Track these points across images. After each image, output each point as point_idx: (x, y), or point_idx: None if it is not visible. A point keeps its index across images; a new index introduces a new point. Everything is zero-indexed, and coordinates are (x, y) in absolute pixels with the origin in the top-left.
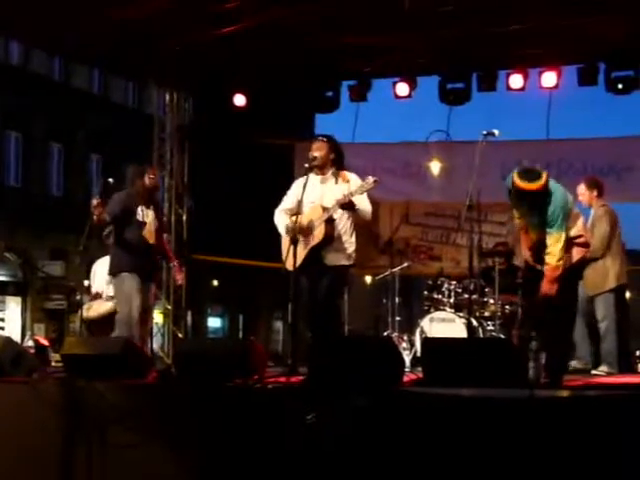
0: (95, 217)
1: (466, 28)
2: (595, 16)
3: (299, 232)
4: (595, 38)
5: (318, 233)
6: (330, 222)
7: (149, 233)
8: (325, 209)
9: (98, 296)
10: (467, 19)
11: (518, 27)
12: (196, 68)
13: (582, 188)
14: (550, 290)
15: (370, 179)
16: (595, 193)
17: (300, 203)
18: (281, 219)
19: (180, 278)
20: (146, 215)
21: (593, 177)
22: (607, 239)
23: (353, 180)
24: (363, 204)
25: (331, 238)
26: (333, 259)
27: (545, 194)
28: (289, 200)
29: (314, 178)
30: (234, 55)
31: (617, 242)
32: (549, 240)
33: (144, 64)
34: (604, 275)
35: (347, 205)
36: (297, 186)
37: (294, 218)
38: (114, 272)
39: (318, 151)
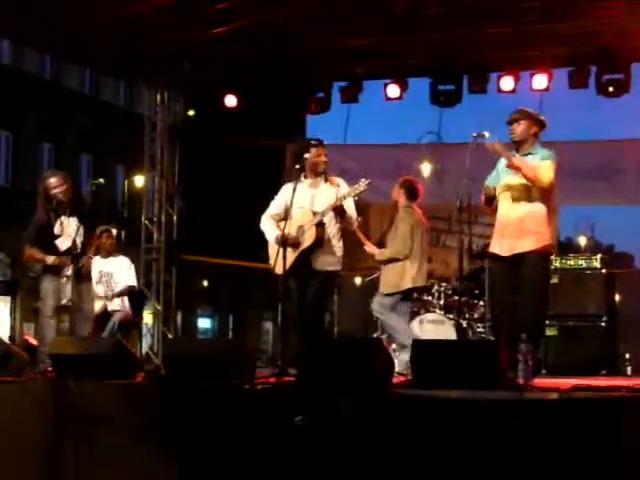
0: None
1: (457, 30)
2: (586, 19)
3: (289, 244)
4: (586, 41)
5: (309, 236)
6: (320, 226)
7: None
8: (315, 213)
9: None
10: (458, 21)
11: (509, 29)
12: (187, 68)
13: (396, 187)
14: (527, 171)
15: (363, 182)
16: (403, 195)
17: (289, 208)
18: (269, 226)
19: None
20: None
21: (408, 179)
22: (408, 241)
23: (342, 184)
24: (351, 210)
25: (321, 241)
26: (322, 263)
27: None
28: (277, 205)
29: (303, 182)
30: (225, 55)
31: (418, 244)
32: (542, 164)
33: (135, 64)
34: (401, 276)
35: (339, 209)
36: (286, 190)
37: (282, 224)
38: None
39: (325, 156)
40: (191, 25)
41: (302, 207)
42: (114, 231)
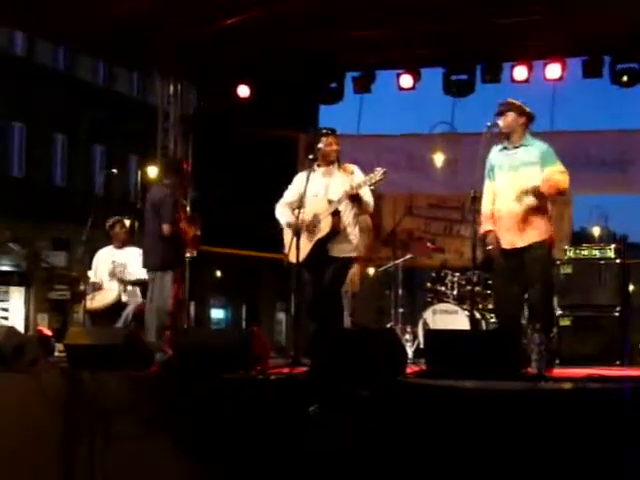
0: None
1: (470, 20)
2: (600, 8)
3: (305, 229)
4: (600, 30)
5: (324, 226)
6: (336, 215)
7: None
8: (331, 202)
9: (99, 287)
10: (471, 10)
11: (522, 19)
12: (200, 59)
13: None
14: (549, 189)
15: (379, 170)
16: None
17: (303, 196)
18: (283, 213)
19: None
20: None
21: None
22: None
23: (357, 172)
24: (367, 196)
25: (337, 230)
26: (338, 251)
27: None
28: (291, 193)
29: (317, 171)
30: (238, 46)
31: None
32: (555, 169)
33: (148, 55)
34: None
35: (355, 197)
36: (299, 179)
37: (297, 212)
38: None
39: (337, 145)
40: (204, 16)
41: (316, 195)
42: (127, 222)
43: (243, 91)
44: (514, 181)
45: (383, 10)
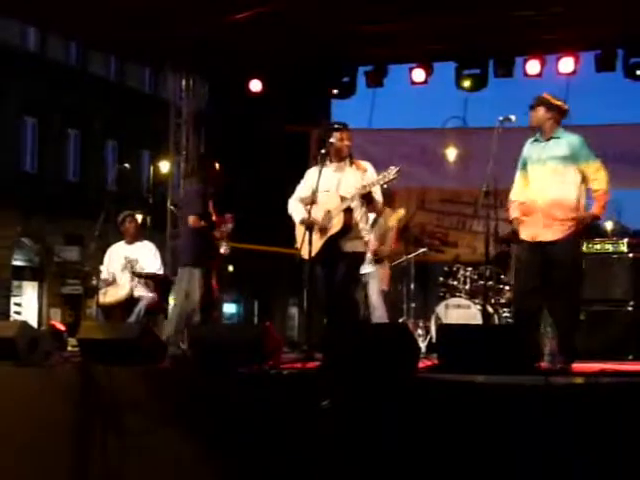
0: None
1: (483, 14)
2: (611, 1)
3: (318, 228)
4: (613, 24)
5: (337, 223)
6: (348, 211)
7: None
8: (343, 198)
9: (112, 281)
10: (484, 4)
11: (535, 13)
12: (212, 54)
13: None
14: (602, 215)
15: (392, 169)
16: None
17: (315, 192)
18: (296, 208)
19: None
20: None
21: None
22: None
23: (370, 170)
24: (377, 195)
25: (349, 227)
26: (351, 246)
27: None
28: (303, 189)
29: (328, 166)
30: (250, 41)
31: None
32: (590, 169)
33: (160, 50)
34: None
35: (367, 195)
36: (311, 174)
37: (309, 208)
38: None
39: (349, 140)
40: (216, 11)
41: (328, 191)
42: (138, 216)
43: (255, 86)
44: (542, 174)
45: (396, 4)
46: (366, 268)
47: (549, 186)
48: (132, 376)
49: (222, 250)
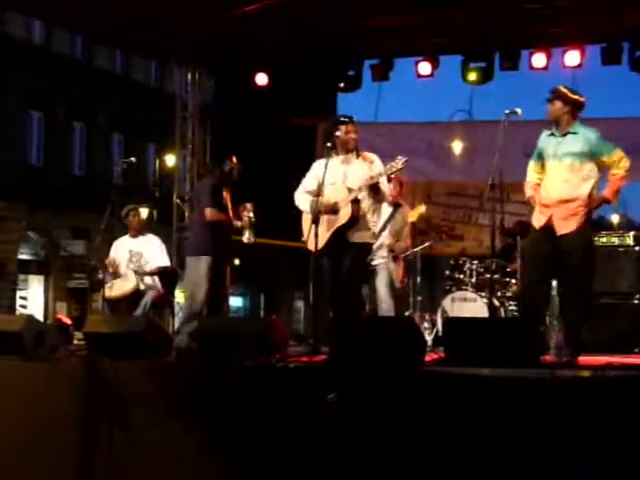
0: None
1: (489, 7)
2: None
3: (325, 211)
4: (619, 17)
5: (344, 214)
6: (356, 203)
7: None
8: (350, 190)
9: (118, 275)
10: None
11: (541, 6)
12: (218, 47)
13: None
14: (614, 200)
15: (400, 159)
16: None
17: (321, 184)
18: (304, 199)
19: None
20: None
21: None
22: None
23: (376, 161)
24: (384, 185)
25: (356, 219)
26: (358, 237)
27: None
28: (309, 181)
29: (335, 159)
30: (256, 34)
31: None
32: (614, 160)
33: (166, 43)
34: None
35: (374, 186)
36: (318, 167)
37: (316, 199)
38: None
39: (355, 133)
40: (222, 3)
41: (334, 183)
42: (142, 210)
43: (261, 79)
44: (558, 169)
45: None
46: (377, 260)
47: (565, 183)
48: (138, 370)
49: (245, 239)
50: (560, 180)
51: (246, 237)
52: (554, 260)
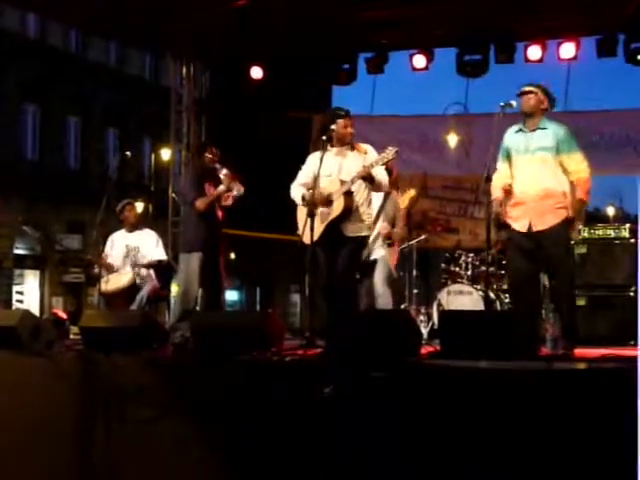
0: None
1: None
2: None
3: (319, 202)
4: (614, 9)
5: (337, 206)
6: (349, 195)
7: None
8: (343, 182)
9: (113, 269)
10: None
11: None
12: (213, 40)
13: None
14: (588, 200)
15: (391, 149)
16: None
17: (317, 177)
18: (299, 192)
19: None
20: None
21: None
22: None
23: (370, 151)
24: (380, 175)
25: (350, 211)
26: (353, 230)
27: None
28: (305, 174)
29: (330, 151)
30: (251, 27)
31: None
32: (572, 161)
33: (161, 36)
34: None
35: (368, 177)
36: (313, 160)
37: (311, 192)
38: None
39: (352, 127)
40: None
41: (329, 176)
42: (137, 204)
43: (256, 72)
44: (531, 164)
45: None
46: (376, 253)
47: (540, 176)
48: (134, 364)
49: (235, 192)
50: (534, 174)
51: (236, 190)
52: (538, 255)
